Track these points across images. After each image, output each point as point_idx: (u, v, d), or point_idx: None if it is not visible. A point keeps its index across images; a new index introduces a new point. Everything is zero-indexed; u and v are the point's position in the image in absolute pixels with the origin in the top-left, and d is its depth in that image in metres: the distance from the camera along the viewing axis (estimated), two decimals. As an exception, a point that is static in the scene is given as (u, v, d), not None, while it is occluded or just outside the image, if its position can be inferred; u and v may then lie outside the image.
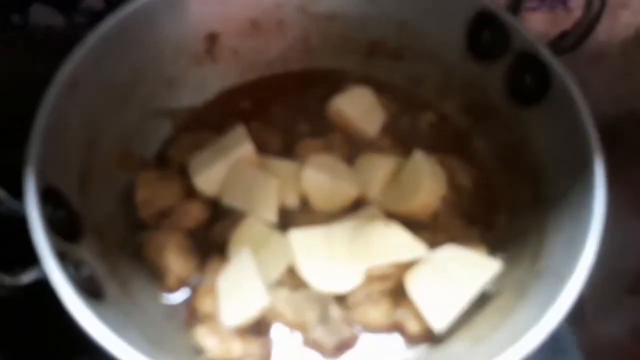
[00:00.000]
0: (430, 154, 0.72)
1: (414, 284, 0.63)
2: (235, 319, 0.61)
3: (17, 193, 0.55)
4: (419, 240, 0.65)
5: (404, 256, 0.64)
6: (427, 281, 0.63)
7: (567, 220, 0.62)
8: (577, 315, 0.56)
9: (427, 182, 0.68)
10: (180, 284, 0.66)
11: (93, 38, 0.65)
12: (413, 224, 0.67)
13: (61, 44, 0.65)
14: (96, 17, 0.78)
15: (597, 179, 0.59)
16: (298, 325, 0.64)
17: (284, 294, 0.64)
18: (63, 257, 0.54)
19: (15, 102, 0.75)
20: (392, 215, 0.68)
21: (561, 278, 0.56)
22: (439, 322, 0.61)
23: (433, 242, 0.66)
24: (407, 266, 0.65)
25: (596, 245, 0.56)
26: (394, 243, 0.65)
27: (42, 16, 0.79)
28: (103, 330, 0.50)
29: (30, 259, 0.53)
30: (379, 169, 0.71)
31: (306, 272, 0.63)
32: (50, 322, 0.67)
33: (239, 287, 0.62)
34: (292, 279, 0.65)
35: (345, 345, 0.63)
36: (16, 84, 0.82)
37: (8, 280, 0.51)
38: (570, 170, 0.63)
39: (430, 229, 0.68)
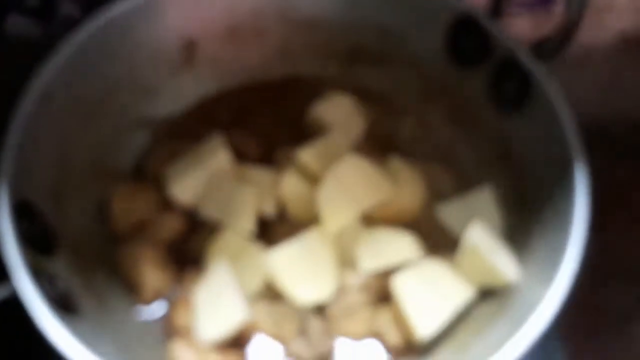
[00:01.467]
0: (410, 160, 0.73)
1: (401, 290, 0.63)
2: (213, 333, 0.61)
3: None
4: (409, 243, 0.66)
5: (396, 259, 0.65)
6: (415, 287, 0.63)
7: (550, 227, 0.63)
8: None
9: (406, 186, 0.69)
10: (156, 296, 0.66)
11: (67, 48, 0.65)
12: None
13: (38, 54, 0.66)
14: (73, 27, 0.79)
15: (579, 185, 0.60)
16: (277, 338, 0.64)
17: (262, 306, 0.64)
18: (36, 272, 0.54)
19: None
20: (371, 221, 0.69)
21: (544, 285, 0.57)
22: (424, 329, 0.62)
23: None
24: (385, 276, 0.65)
25: (579, 253, 0.57)
26: (384, 247, 0.66)
27: (18, 26, 0.79)
28: (76, 345, 0.50)
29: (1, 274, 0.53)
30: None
31: (285, 286, 0.64)
32: (23, 343, 0.67)
33: (217, 301, 0.62)
34: (271, 291, 0.65)
35: (324, 357, 0.64)
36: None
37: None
38: (551, 176, 0.64)
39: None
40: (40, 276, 0.54)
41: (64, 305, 0.55)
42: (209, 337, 0.61)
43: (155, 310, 0.66)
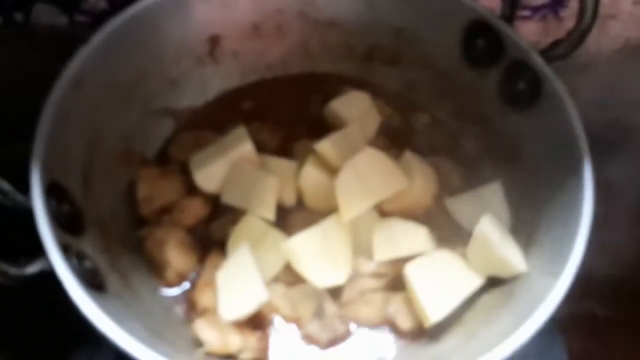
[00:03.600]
0: (423, 155, 0.73)
1: (414, 276, 0.63)
2: (234, 313, 0.61)
3: (21, 187, 0.55)
4: (422, 234, 0.66)
5: (409, 250, 0.65)
6: (427, 275, 0.63)
7: (557, 220, 0.63)
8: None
9: (418, 180, 0.69)
10: (180, 278, 0.66)
11: (97, 38, 0.65)
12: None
13: (64, 43, 0.66)
14: (99, 16, 0.80)
15: (586, 180, 0.60)
16: (294, 320, 0.65)
17: (280, 289, 0.65)
18: (66, 250, 0.54)
19: (19, 98, 0.76)
20: (386, 213, 0.69)
21: (550, 277, 0.57)
22: (435, 314, 0.62)
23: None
24: (398, 264, 0.65)
25: (584, 246, 0.57)
26: (398, 238, 0.66)
27: (45, 15, 0.80)
28: (106, 320, 0.50)
29: (33, 250, 0.53)
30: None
31: (303, 269, 0.64)
32: (51, 313, 0.67)
33: (238, 282, 0.62)
34: (289, 275, 0.65)
35: (338, 339, 0.64)
36: (19, 81, 0.83)
37: (13, 270, 0.51)
38: (559, 173, 0.64)
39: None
40: (70, 254, 0.54)
41: (92, 283, 0.55)
42: (230, 317, 0.61)
43: (179, 290, 0.67)
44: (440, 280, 0.63)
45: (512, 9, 0.71)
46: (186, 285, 0.67)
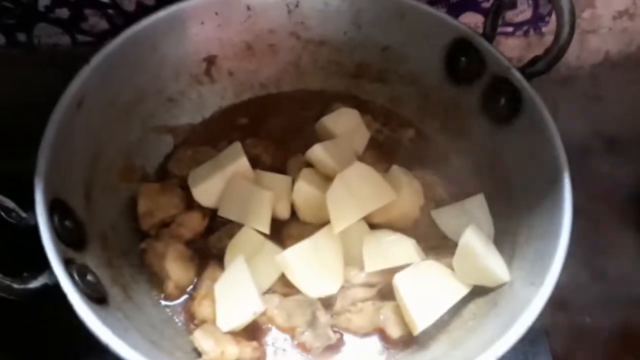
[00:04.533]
0: (409, 168, 0.74)
1: (403, 285, 0.64)
2: (231, 323, 0.62)
3: (24, 204, 0.56)
4: (410, 247, 0.67)
5: (398, 261, 0.66)
6: (416, 283, 0.64)
7: (538, 232, 0.64)
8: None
9: (406, 193, 0.70)
10: (179, 291, 0.67)
11: (98, 58, 0.67)
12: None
13: (66, 62, 0.67)
14: (100, 36, 0.80)
15: (566, 193, 0.62)
16: (288, 330, 0.66)
17: (275, 300, 0.66)
18: (70, 264, 0.55)
19: (21, 117, 0.76)
20: (375, 225, 0.70)
21: (532, 286, 0.59)
22: (422, 322, 0.63)
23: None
24: (387, 274, 0.66)
25: (564, 257, 0.59)
26: (388, 250, 0.67)
27: (47, 35, 0.80)
28: (108, 333, 0.51)
29: (36, 265, 0.54)
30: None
31: (297, 280, 0.65)
32: (57, 324, 0.68)
33: (235, 294, 0.63)
34: (284, 286, 0.67)
35: (331, 348, 0.65)
36: (22, 100, 0.84)
37: (17, 285, 0.52)
38: (540, 185, 0.65)
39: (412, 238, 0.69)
40: (73, 268, 0.55)
41: (94, 297, 0.56)
42: (227, 326, 0.62)
43: (178, 302, 0.67)
44: (428, 289, 0.64)
45: (493, 26, 0.73)
46: (185, 297, 0.68)
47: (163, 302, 0.67)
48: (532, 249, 0.64)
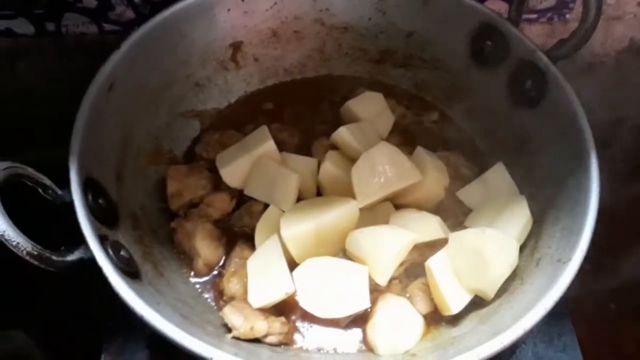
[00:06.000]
0: (434, 150, 0.75)
1: (437, 269, 0.65)
2: (262, 301, 0.64)
3: (59, 183, 0.58)
4: (436, 224, 0.68)
5: (425, 237, 0.67)
6: (449, 268, 0.65)
7: (564, 211, 0.64)
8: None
9: (431, 174, 0.71)
10: (208, 268, 0.69)
11: (128, 44, 0.68)
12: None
13: (93, 50, 0.69)
14: (127, 25, 0.83)
15: (593, 173, 0.62)
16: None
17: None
18: (103, 240, 0.57)
19: (50, 103, 0.79)
20: (401, 206, 0.71)
21: (559, 264, 0.59)
22: (456, 306, 0.64)
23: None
24: (416, 252, 0.67)
25: (591, 234, 0.59)
26: (414, 227, 0.67)
27: (75, 24, 0.83)
28: (143, 305, 0.53)
29: (72, 240, 0.56)
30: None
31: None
32: (86, 304, 0.70)
33: (267, 272, 0.64)
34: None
35: (358, 319, 0.65)
36: (51, 87, 0.86)
37: (56, 258, 0.54)
38: (566, 167, 0.66)
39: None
40: (106, 244, 0.57)
41: (128, 271, 0.58)
42: (258, 303, 0.64)
43: (207, 279, 0.69)
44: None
45: (518, 12, 0.74)
46: (214, 274, 0.69)
47: (193, 279, 0.69)
48: (558, 227, 0.64)
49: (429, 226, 0.68)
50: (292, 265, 0.65)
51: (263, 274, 0.64)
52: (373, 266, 0.65)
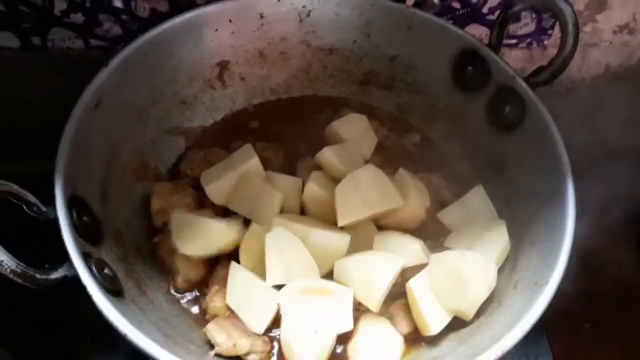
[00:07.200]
0: (415, 172, 0.77)
1: (418, 290, 0.66)
2: (262, 324, 0.65)
3: (44, 202, 0.58)
4: (418, 248, 0.69)
5: (408, 263, 0.67)
6: (429, 289, 0.66)
7: (542, 235, 0.66)
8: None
9: (413, 196, 0.72)
10: (189, 284, 0.69)
11: (116, 61, 0.69)
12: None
13: (80, 66, 0.69)
14: (113, 41, 0.83)
15: (569, 197, 0.64)
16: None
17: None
18: (87, 258, 0.57)
19: (36, 118, 0.78)
20: (383, 226, 0.72)
21: (536, 287, 0.61)
22: (436, 326, 0.65)
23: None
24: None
25: (568, 257, 0.61)
26: (400, 252, 0.68)
27: (62, 39, 0.83)
28: (126, 324, 0.53)
29: (56, 258, 0.56)
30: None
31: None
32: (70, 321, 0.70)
33: (253, 294, 0.65)
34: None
35: (340, 338, 0.65)
36: (37, 102, 0.86)
37: (39, 276, 0.54)
38: (544, 191, 0.67)
39: (419, 238, 0.71)
40: (91, 262, 0.57)
41: (111, 290, 0.58)
42: (259, 329, 0.65)
43: (190, 298, 0.69)
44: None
45: (499, 38, 0.76)
46: (196, 293, 0.70)
47: (176, 297, 0.69)
48: (535, 251, 0.66)
49: (413, 251, 0.69)
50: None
51: (249, 298, 0.65)
52: (365, 295, 0.65)
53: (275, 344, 0.66)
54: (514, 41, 0.89)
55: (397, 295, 0.68)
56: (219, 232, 0.68)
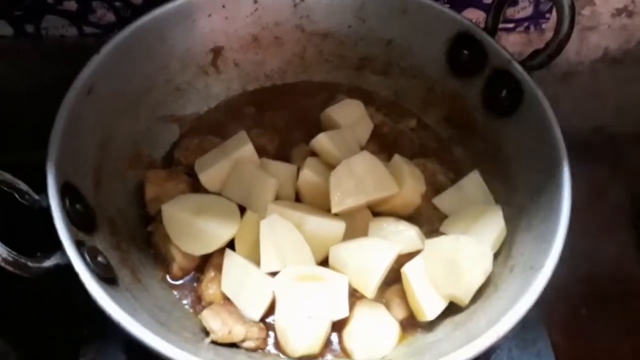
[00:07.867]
0: (411, 157, 0.76)
1: (414, 276, 0.65)
2: (258, 312, 0.65)
3: (36, 190, 0.58)
4: (413, 234, 0.69)
5: (404, 249, 0.67)
6: (424, 274, 0.66)
7: (537, 220, 0.66)
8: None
9: (408, 182, 0.71)
10: (183, 272, 0.69)
11: (108, 48, 0.68)
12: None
13: (73, 53, 0.68)
14: (107, 28, 0.82)
15: (565, 181, 0.63)
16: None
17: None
18: (80, 246, 0.56)
19: (29, 106, 0.78)
20: (378, 212, 0.72)
21: (532, 271, 0.60)
22: (432, 312, 0.65)
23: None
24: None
25: (563, 241, 0.60)
26: (392, 238, 0.68)
27: (55, 26, 0.82)
28: (120, 312, 0.53)
29: (48, 246, 0.56)
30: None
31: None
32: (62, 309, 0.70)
33: (248, 282, 0.65)
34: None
35: (335, 325, 0.65)
36: (30, 89, 0.85)
37: (32, 264, 0.53)
38: (540, 175, 0.67)
39: (414, 224, 0.71)
40: (83, 250, 0.57)
41: (105, 277, 0.58)
42: (255, 316, 0.65)
43: (185, 286, 0.69)
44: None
45: (495, 21, 0.75)
46: (190, 279, 0.69)
47: (171, 283, 0.69)
48: (531, 235, 0.66)
49: (408, 238, 0.68)
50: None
51: (244, 286, 0.65)
52: (361, 281, 0.65)
53: (271, 332, 0.66)
54: (512, 25, 0.88)
55: (393, 281, 0.68)
56: (216, 235, 0.68)
